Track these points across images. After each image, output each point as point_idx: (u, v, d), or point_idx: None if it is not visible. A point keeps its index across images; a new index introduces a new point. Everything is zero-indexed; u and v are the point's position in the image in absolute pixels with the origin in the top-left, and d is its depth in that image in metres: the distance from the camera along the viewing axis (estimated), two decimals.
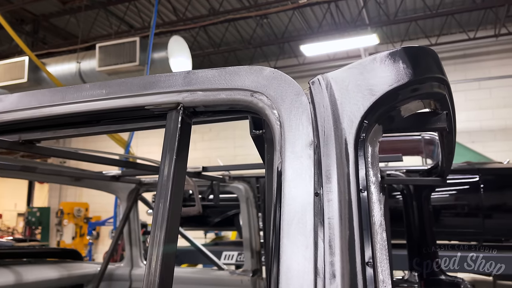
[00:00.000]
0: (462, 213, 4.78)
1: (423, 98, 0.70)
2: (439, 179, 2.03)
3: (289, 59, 11.19)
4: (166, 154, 0.71)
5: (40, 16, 9.73)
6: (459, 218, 4.78)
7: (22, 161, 2.06)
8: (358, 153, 0.61)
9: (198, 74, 0.72)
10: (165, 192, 0.68)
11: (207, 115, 0.74)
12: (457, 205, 4.73)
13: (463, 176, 4.71)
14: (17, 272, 2.43)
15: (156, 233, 0.65)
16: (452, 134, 1.16)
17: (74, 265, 2.77)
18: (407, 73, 0.64)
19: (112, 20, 9.49)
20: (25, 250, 3.26)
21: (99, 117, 0.81)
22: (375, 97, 0.63)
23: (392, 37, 10.22)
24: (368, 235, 0.58)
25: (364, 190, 0.59)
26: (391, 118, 0.68)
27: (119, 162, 2.01)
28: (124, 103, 0.76)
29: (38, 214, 13.17)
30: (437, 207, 4.67)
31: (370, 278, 0.55)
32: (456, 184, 4.76)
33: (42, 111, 0.82)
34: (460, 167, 4.79)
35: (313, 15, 9.52)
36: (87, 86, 0.79)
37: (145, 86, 0.74)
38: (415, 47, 0.68)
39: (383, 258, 0.57)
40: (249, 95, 0.67)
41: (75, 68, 7.53)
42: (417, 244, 2.24)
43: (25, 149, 1.36)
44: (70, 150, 1.65)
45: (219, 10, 8.90)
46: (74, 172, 2.44)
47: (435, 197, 4.68)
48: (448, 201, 4.72)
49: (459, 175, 4.73)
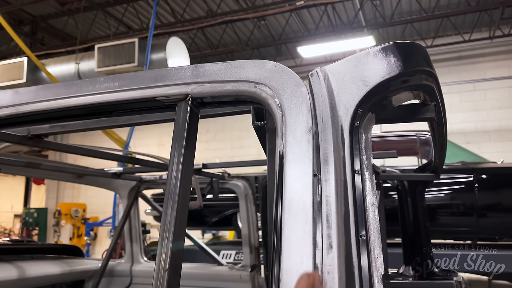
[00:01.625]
0: (456, 212, 4.85)
1: (413, 89, 0.76)
2: (433, 175, 2.10)
3: (286, 60, 11.27)
4: (176, 142, 0.76)
5: (38, 17, 9.76)
6: (453, 217, 4.85)
7: (27, 157, 2.11)
8: (353, 138, 0.67)
9: (206, 68, 0.78)
10: (175, 176, 0.73)
11: (214, 105, 0.79)
12: (451, 204, 4.80)
13: (457, 176, 4.79)
14: (20, 267, 2.47)
15: (168, 213, 0.71)
16: (443, 128, 1.22)
17: (75, 261, 2.81)
18: (397, 66, 0.70)
19: (110, 22, 9.54)
20: (27, 246, 3.30)
21: (112, 108, 0.87)
22: (368, 88, 0.69)
23: (388, 39, 10.32)
24: (362, 211, 0.64)
25: (358, 172, 0.66)
26: (383, 107, 0.74)
27: (123, 158, 2.06)
28: (136, 95, 0.81)
29: (36, 215, 13.17)
30: (432, 206, 4.74)
31: (363, 249, 0.61)
32: (450, 183, 4.83)
33: (58, 103, 0.87)
34: (454, 167, 4.86)
35: (310, 17, 9.61)
36: (101, 79, 0.85)
37: (156, 79, 0.80)
38: (405, 43, 0.75)
39: (375, 232, 0.63)
40: (252, 86, 0.73)
41: (74, 69, 7.57)
42: (411, 239, 2.31)
43: (33, 144, 1.42)
44: (76, 145, 1.70)
45: (217, 11, 8.97)
46: (77, 169, 2.49)
47: (430, 196, 4.75)
48: (443, 200, 4.79)
49: (453, 175, 4.80)
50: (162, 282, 0.67)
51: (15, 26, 9.28)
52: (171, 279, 0.67)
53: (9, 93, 0.93)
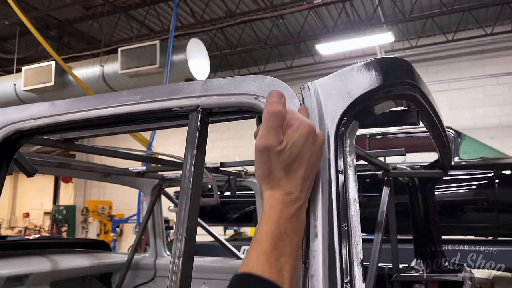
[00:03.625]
0: (476, 208, 4.84)
1: (395, 98, 0.86)
2: (441, 171, 2.17)
3: (305, 58, 11.32)
4: (188, 147, 0.89)
5: (64, 22, 10.12)
6: (473, 213, 4.84)
7: (59, 158, 2.29)
8: (338, 142, 0.78)
9: (214, 82, 0.90)
10: (188, 175, 0.86)
11: (221, 115, 0.92)
12: (471, 200, 4.79)
13: (477, 172, 4.78)
14: (53, 260, 2.65)
15: (183, 206, 0.84)
16: (439, 129, 1.31)
17: (103, 255, 2.99)
18: (378, 79, 0.80)
19: (133, 24, 9.80)
20: (59, 240, 3.51)
21: (134, 117, 1.00)
22: (352, 99, 0.80)
23: (408, 34, 10.24)
24: (344, 206, 0.75)
25: (341, 171, 0.76)
26: (367, 114, 0.84)
27: (145, 158, 2.21)
28: (155, 106, 0.94)
29: (64, 212, 13.65)
30: (452, 202, 4.75)
31: (344, 237, 0.72)
32: (470, 179, 4.83)
33: (88, 113, 1.01)
34: (474, 163, 4.85)
35: (329, 14, 9.63)
36: (125, 93, 0.98)
37: (171, 92, 0.93)
38: (386, 58, 0.85)
39: (356, 223, 0.74)
40: (253, 98, 0.85)
41: (99, 71, 7.84)
42: (422, 234, 2.38)
43: (66, 147, 1.58)
44: (102, 147, 1.86)
45: (236, 11, 9.10)
46: (104, 168, 2.66)
47: (450, 192, 4.77)
48: (463, 196, 4.79)
49: (473, 170, 4.79)
50: (177, 265, 0.80)
51: (42, 31, 9.66)
52: (185, 263, 0.80)
53: (47, 105, 1.07)
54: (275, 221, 0.62)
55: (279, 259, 0.59)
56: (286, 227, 0.62)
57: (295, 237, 0.63)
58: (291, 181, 0.65)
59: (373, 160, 1.93)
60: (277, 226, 0.62)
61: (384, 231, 2.01)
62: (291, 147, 0.65)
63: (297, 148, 0.66)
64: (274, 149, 0.65)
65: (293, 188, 0.65)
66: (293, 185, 0.65)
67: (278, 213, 0.63)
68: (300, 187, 0.66)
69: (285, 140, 0.65)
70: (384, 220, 2.04)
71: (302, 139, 0.66)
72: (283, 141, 0.65)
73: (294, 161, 0.66)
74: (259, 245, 0.60)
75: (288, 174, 0.65)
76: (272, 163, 0.65)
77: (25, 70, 8.35)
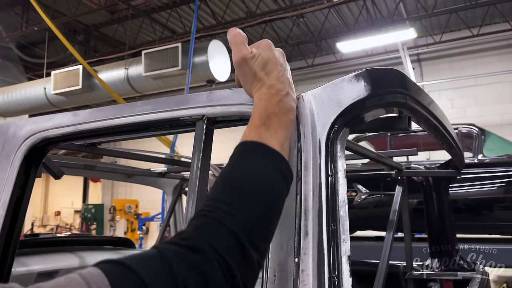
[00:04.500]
0: (501, 206, 4.76)
1: (385, 106, 0.92)
2: (454, 171, 2.18)
3: (327, 56, 11.28)
4: (195, 152, 0.97)
5: (91, 26, 10.45)
6: (498, 212, 4.77)
7: (85, 160, 2.43)
8: (328, 148, 0.85)
9: (217, 94, 0.98)
10: (195, 178, 0.95)
11: (224, 123, 1.00)
12: (495, 198, 4.72)
13: (502, 169, 4.70)
14: (81, 257, 2.80)
15: (188, 210, 0.92)
16: (441, 132, 1.35)
17: (128, 252, 3.13)
18: (367, 89, 0.87)
19: (155, 27, 10.03)
20: (86, 238, 3.68)
21: (147, 126, 1.09)
22: (342, 108, 0.86)
23: (432, 30, 10.06)
24: (333, 207, 0.81)
25: (331, 175, 0.83)
26: (358, 121, 0.90)
27: (164, 160, 2.32)
28: (165, 116, 1.03)
29: (93, 210, 14.08)
30: (476, 201, 4.69)
31: (333, 236, 0.79)
32: (495, 177, 4.76)
33: (108, 122, 1.11)
34: (499, 160, 4.78)
35: (349, 12, 9.58)
36: (138, 104, 1.08)
37: (180, 103, 1.02)
38: (377, 69, 0.90)
39: (344, 223, 0.81)
40: (252, 108, 0.93)
41: (123, 74, 8.07)
42: (436, 233, 2.40)
43: (89, 151, 1.70)
44: (123, 150, 1.97)
45: (256, 12, 9.17)
46: (127, 169, 2.79)
47: (473, 190, 4.71)
48: (487, 194, 4.72)
49: (498, 168, 4.72)
50: None
51: (70, 36, 10.02)
52: None
53: (70, 115, 1.18)
54: (263, 106, 0.77)
55: (268, 130, 0.73)
56: (274, 109, 0.76)
57: (283, 117, 0.77)
58: (271, 78, 0.80)
59: (385, 161, 1.97)
60: (265, 109, 0.76)
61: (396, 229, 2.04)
62: (260, 54, 0.82)
63: (265, 54, 0.82)
64: (248, 57, 0.81)
65: (274, 81, 0.80)
66: (273, 80, 0.80)
67: (264, 101, 0.78)
68: (280, 80, 0.80)
69: (253, 51, 0.83)
70: (396, 218, 2.08)
71: (266, 47, 0.84)
72: (252, 51, 0.82)
73: (266, 63, 0.81)
74: (251, 123, 0.75)
75: (267, 74, 0.81)
76: (252, 68, 0.81)
77: (54, 74, 8.68)
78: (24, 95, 9.31)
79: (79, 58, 7.28)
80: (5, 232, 1.13)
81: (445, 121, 1.39)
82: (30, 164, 1.24)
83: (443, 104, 10.03)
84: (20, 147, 1.22)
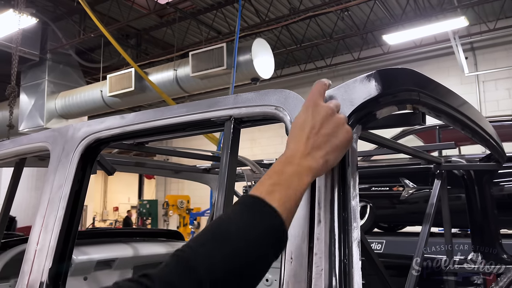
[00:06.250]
0: None
1: (397, 103, 0.98)
2: (495, 164, 2.15)
3: (374, 49, 11.06)
4: (224, 149, 1.09)
5: (142, 30, 10.95)
6: None
7: (135, 158, 2.63)
8: None
9: (243, 96, 1.09)
10: (224, 172, 1.06)
11: (250, 122, 1.11)
12: None
13: None
14: (135, 247, 3.03)
15: (218, 201, 1.04)
16: (470, 127, 1.35)
17: (177, 244, 3.33)
18: (377, 88, 0.93)
19: (202, 28, 10.32)
20: (139, 230, 3.95)
21: (184, 126, 1.23)
22: (354, 107, 0.94)
23: (486, 17, 9.56)
24: (345, 197, 0.90)
25: (343, 168, 0.91)
26: (371, 119, 0.98)
27: (206, 157, 2.47)
28: (198, 117, 1.16)
29: (148, 206, 14.75)
30: None
31: (344, 224, 0.88)
32: None
33: (150, 124, 1.26)
34: None
35: (396, 2, 9.33)
36: (175, 107, 1.21)
37: (210, 106, 1.14)
38: (388, 69, 0.97)
39: (355, 212, 0.89)
40: (273, 109, 1.02)
41: (172, 75, 8.41)
42: (479, 227, 2.37)
43: (138, 149, 1.87)
44: (169, 148, 2.14)
45: (300, 8, 9.18)
46: (174, 166, 2.98)
47: None
48: None
49: None
50: None
51: (123, 40, 10.56)
52: None
53: (118, 118, 1.35)
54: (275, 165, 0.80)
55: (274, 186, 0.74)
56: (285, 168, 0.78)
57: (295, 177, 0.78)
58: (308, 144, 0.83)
59: (422, 155, 1.99)
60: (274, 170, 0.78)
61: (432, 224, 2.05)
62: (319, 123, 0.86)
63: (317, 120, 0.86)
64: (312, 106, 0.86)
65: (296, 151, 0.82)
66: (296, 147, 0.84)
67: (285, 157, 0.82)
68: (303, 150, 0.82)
69: None
70: (433, 213, 2.08)
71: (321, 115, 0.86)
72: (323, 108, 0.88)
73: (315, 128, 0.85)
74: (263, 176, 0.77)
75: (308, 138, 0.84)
76: (307, 122, 0.86)
77: (109, 77, 9.21)
78: (83, 98, 9.93)
79: (130, 61, 7.69)
80: (66, 220, 1.31)
81: (474, 114, 1.39)
82: (86, 162, 1.42)
83: (500, 94, 9.51)
84: (78, 147, 1.40)
